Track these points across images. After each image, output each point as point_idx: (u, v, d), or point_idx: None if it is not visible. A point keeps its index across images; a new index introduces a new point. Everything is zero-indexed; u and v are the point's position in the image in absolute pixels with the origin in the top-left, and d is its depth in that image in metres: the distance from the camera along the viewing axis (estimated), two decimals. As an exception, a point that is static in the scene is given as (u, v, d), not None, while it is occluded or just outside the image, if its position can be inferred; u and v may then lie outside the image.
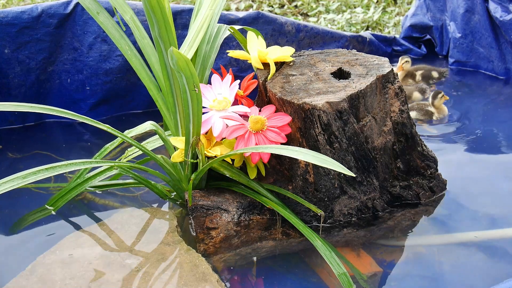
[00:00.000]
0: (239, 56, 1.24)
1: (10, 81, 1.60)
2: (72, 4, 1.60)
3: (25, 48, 1.58)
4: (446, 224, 1.21)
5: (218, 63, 1.73)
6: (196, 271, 1.03)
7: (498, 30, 1.94)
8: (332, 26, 2.53)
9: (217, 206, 1.13)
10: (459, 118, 1.72)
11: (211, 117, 1.13)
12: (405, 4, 2.70)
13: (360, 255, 1.12)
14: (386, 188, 1.21)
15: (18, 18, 1.55)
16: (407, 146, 1.21)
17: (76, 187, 1.21)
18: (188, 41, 1.09)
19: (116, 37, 1.24)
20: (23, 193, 1.29)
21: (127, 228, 1.16)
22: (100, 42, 1.64)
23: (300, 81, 1.15)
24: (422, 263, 1.11)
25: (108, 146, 1.29)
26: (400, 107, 1.18)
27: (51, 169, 1.04)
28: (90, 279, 1.01)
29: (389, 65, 1.19)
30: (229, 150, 1.13)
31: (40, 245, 1.13)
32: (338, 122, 1.10)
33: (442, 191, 1.28)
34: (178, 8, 1.67)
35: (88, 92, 1.68)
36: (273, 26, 1.81)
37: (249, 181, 1.15)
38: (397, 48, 2.20)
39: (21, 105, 1.11)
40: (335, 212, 1.16)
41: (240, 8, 2.77)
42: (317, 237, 1.07)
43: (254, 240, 1.14)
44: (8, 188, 0.98)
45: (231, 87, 1.18)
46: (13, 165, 1.45)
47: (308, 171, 1.12)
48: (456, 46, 2.06)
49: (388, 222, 1.19)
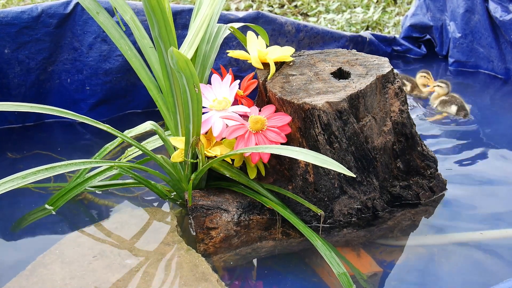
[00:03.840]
0: (239, 56, 1.24)
1: (10, 81, 1.60)
2: (72, 4, 1.60)
3: (25, 48, 1.58)
4: (446, 224, 1.21)
5: (218, 63, 1.73)
6: (196, 271, 1.03)
7: (498, 30, 1.94)
8: (332, 26, 2.53)
9: (217, 206, 1.13)
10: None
11: (211, 117, 1.13)
12: (405, 4, 2.70)
13: (360, 255, 1.12)
14: (386, 188, 1.21)
15: (18, 18, 1.55)
16: (407, 146, 1.21)
17: (76, 187, 1.21)
18: (188, 41, 1.09)
19: (116, 37, 1.24)
20: (23, 193, 1.28)
21: (127, 228, 1.16)
22: (100, 42, 1.64)
23: (300, 81, 1.15)
24: (422, 263, 1.11)
25: (108, 146, 1.29)
26: (400, 107, 1.18)
27: (51, 169, 1.04)
28: (90, 279, 1.01)
29: (389, 65, 1.19)
30: (229, 150, 1.13)
31: (40, 245, 1.13)
32: (338, 122, 1.10)
33: (442, 191, 1.28)
34: (178, 8, 1.67)
35: (88, 92, 1.68)
36: (273, 26, 1.81)
37: (249, 181, 1.15)
38: (397, 48, 2.20)
39: (21, 105, 1.11)
40: (335, 212, 1.16)
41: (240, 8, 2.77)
42: (317, 237, 1.07)
43: (254, 240, 1.14)
44: (8, 188, 0.98)
45: (231, 87, 1.18)
46: (13, 165, 1.45)
47: (308, 171, 1.12)
48: (456, 46, 2.06)
49: (388, 222, 1.19)
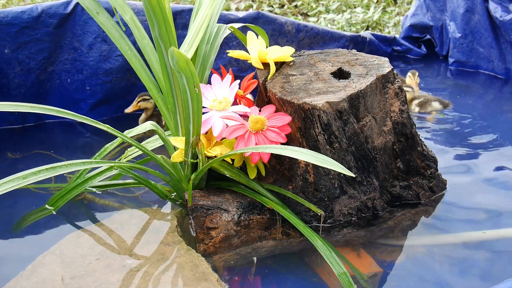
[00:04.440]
0: (239, 56, 1.24)
1: (10, 81, 1.60)
2: (72, 4, 1.60)
3: (25, 48, 1.58)
4: (446, 224, 1.21)
5: (218, 63, 1.73)
6: (196, 271, 1.03)
7: (498, 30, 1.94)
8: (332, 26, 2.53)
9: (217, 206, 1.13)
10: (459, 118, 1.72)
11: (211, 117, 1.13)
12: (405, 4, 2.70)
13: (360, 255, 1.12)
14: (386, 188, 1.21)
15: (18, 18, 1.55)
16: (407, 146, 1.21)
17: (76, 187, 1.21)
18: (188, 40, 1.09)
19: (116, 37, 1.24)
20: (23, 193, 1.28)
21: (127, 228, 1.16)
22: (100, 42, 1.64)
23: (300, 81, 1.15)
24: (422, 263, 1.11)
25: (108, 146, 1.29)
26: (400, 107, 1.18)
27: (51, 169, 1.04)
28: (90, 279, 1.01)
29: (389, 65, 1.18)
30: (229, 150, 1.13)
31: (40, 245, 1.13)
32: (338, 122, 1.10)
33: (442, 191, 1.28)
34: (178, 8, 1.67)
35: (88, 92, 1.68)
36: (273, 26, 1.81)
37: (249, 181, 1.15)
38: (397, 48, 2.20)
39: (21, 105, 1.11)
40: (335, 212, 1.16)
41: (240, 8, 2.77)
42: (317, 237, 1.07)
43: (254, 240, 1.14)
44: (9, 188, 0.98)
45: (231, 87, 1.18)
46: (13, 165, 1.45)
47: (308, 171, 1.12)
48: (456, 46, 2.06)
49: (388, 222, 1.19)
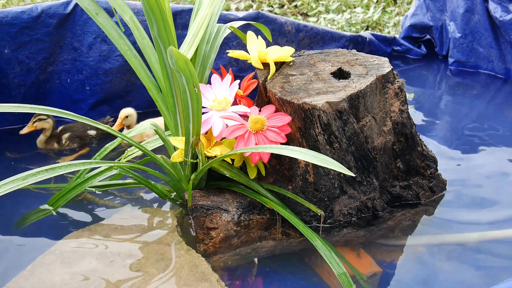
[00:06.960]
0: (239, 56, 1.24)
1: (10, 81, 1.60)
2: (72, 4, 1.60)
3: (25, 48, 1.58)
4: (446, 224, 1.21)
5: (218, 63, 1.73)
6: (196, 271, 1.03)
7: (498, 30, 1.94)
8: (332, 26, 2.53)
9: (217, 206, 1.13)
10: (459, 118, 1.72)
11: (211, 117, 1.13)
12: (405, 4, 2.70)
13: (360, 255, 1.12)
14: (386, 188, 1.21)
15: (18, 18, 1.55)
16: (407, 146, 1.21)
17: (76, 187, 1.21)
18: (187, 40, 1.09)
19: (115, 37, 1.24)
20: (24, 193, 1.28)
21: (127, 228, 1.16)
22: (100, 42, 1.64)
23: (300, 81, 1.15)
24: (422, 263, 1.11)
25: (108, 146, 1.29)
26: (400, 107, 1.18)
27: (51, 170, 1.04)
28: (90, 279, 1.01)
29: (389, 65, 1.18)
30: (229, 150, 1.13)
31: (40, 245, 1.13)
32: (338, 122, 1.10)
33: (442, 191, 1.28)
34: (178, 8, 1.67)
35: (88, 92, 1.68)
36: (273, 26, 1.81)
37: (249, 181, 1.15)
38: (397, 48, 2.20)
39: (21, 106, 1.11)
40: (335, 212, 1.16)
41: (240, 8, 2.77)
42: (317, 237, 1.07)
43: (254, 240, 1.14)
44: (9, 189, 0.98)
45: (231, 87, 1.18)
46: (13, 165, 1.45)
47: (308, 171, 1.12)
48: (456, 46, 2.06)
49: (388, 222, 1.19)
